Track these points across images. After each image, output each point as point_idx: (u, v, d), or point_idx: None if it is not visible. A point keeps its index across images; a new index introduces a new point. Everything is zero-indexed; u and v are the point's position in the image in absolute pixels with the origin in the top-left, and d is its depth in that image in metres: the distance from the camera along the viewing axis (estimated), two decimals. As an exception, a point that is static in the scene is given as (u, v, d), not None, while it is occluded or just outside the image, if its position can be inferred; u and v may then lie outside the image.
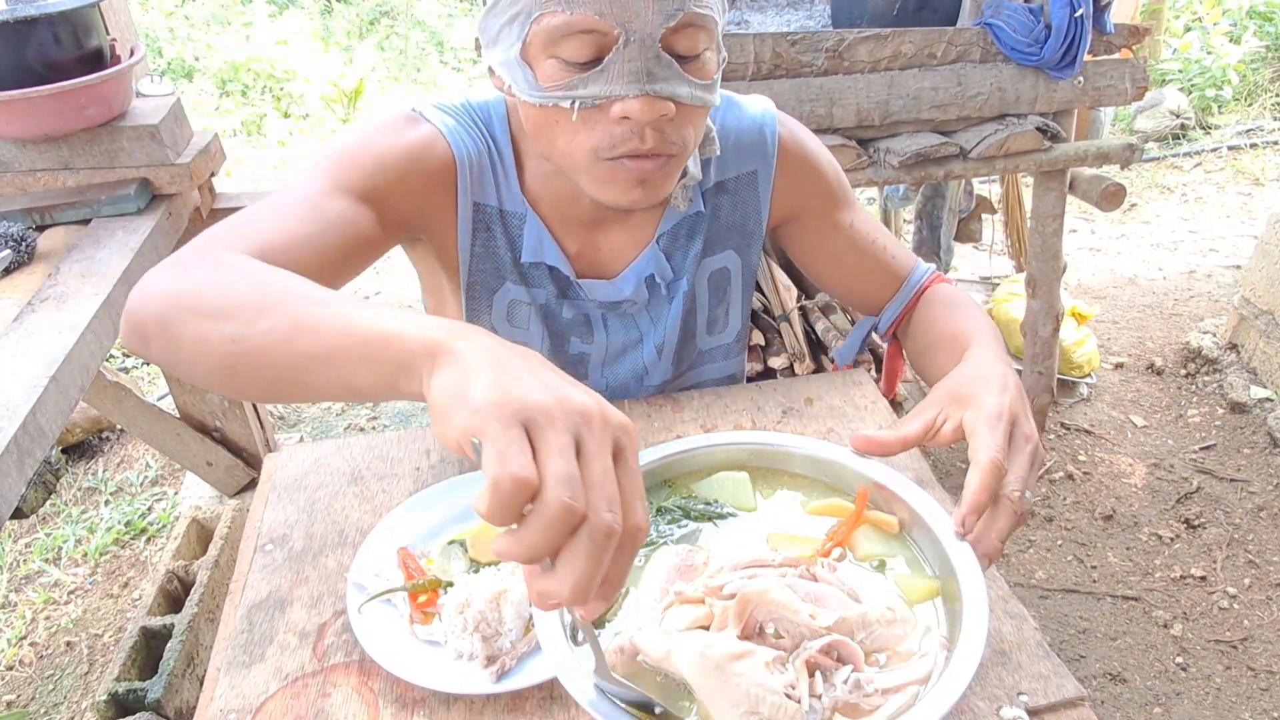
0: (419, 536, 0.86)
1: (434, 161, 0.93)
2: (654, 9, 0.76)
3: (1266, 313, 2.70)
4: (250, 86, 5.60)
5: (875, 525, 0.77)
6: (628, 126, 0.81)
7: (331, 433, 2.80)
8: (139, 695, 1.63)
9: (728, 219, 1.07)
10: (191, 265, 0.73)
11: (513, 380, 0.52)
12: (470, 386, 0.52)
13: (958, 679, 0.59)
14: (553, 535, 0.47)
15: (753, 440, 0.85)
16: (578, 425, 0.50)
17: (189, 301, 0.69)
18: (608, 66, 0.78)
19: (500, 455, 0.47)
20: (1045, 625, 2.03)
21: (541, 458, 0.48)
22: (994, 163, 2.07)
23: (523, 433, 0.49)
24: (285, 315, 0.64)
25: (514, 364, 0.54)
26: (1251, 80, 5.19)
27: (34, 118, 1.50)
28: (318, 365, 0.62)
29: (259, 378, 0.66)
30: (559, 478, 0.47)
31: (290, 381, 0.65)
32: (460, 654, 0.74)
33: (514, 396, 0.50)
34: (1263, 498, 2.36)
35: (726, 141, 1.03)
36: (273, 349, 0.64)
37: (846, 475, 0.81)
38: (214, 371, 0.68)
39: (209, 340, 0.66)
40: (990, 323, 0.99)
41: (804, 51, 1.92)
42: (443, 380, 0.54)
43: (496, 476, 0.47)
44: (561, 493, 0.47)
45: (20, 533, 2.38)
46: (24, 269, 1.39)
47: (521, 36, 0.80)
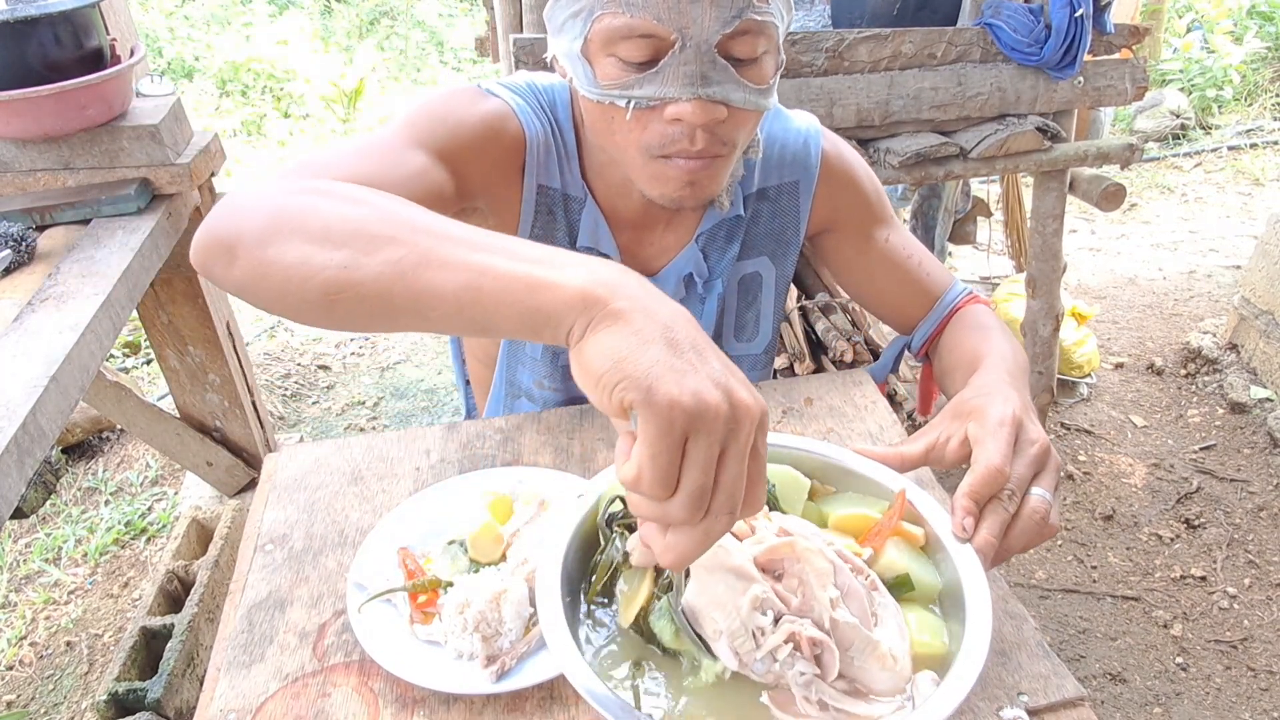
0: (419, 536, 0.86)
1: (507, 136, 0.93)
2: (711, 15, 0.77)
3: (1266, 313, 2.70)
4: (250, 86, 5.60)
5: (902, 535, 0.74)
6: (680, 128, 0.82)
7: (331, 433, 2.80)
8: (139, 695, 1.63)
9: (766, 226, 1.07)
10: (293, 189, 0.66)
11: (686, 371, 0.51)
12: (643, 366, 0.50)
13: (960, 684, 0.59)
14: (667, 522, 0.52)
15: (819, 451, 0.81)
16: (730, 429, 0.51)
17: (297, 221, 0.63)
18: (663, 69, 0.79)
19: (654, 461, 0.50)
20: (1045, 625, 2.03)
21: (686, 464, 0.50)
22: (994, 163, 2.07)
23: (681, 438, 0.50)
24: (410, 246, 0.59)
25: (683, 341, 0.52)
26: (1252, 80, 5.19)
27: (34, 118, 1.50)
28: (444, 304, 0.58)
29: (366, 310, 0.61)
30: (692, 493, 0.50)
31: (405, 315, 0.60)
32: (460, 654, 0.74)
33: (691, 395, 0.50)
34: (1263, 498, 2.36)
35: (771, 150, 1.04)
36: (391, 281, 0.59)
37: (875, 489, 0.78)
38: (310, 299, 0.62)
39: (314, 264, 0.61)
40: (1013, 348, 0.97)
41: (804, 51, 1.92)
42: (608, 342, 0.52)
43: (641, 478, 0.50)
44: (688, 505, 0.51)
45: (20, 533, 2.38)
46: (24, 269, 1.39)
47: (583, 33, 0.81)
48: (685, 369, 0.51)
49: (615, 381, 0.51)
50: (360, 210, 0.62)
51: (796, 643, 0.60)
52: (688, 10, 0.76)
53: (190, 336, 1.91)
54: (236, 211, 0.66)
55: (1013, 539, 0.71)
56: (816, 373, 1.86)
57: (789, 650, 0.60)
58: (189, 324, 1.89)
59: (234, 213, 0.66)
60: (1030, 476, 0.73)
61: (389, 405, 2.93)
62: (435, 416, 2.87)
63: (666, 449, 0.49)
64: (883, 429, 1.01)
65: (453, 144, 0.88)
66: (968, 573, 0.67)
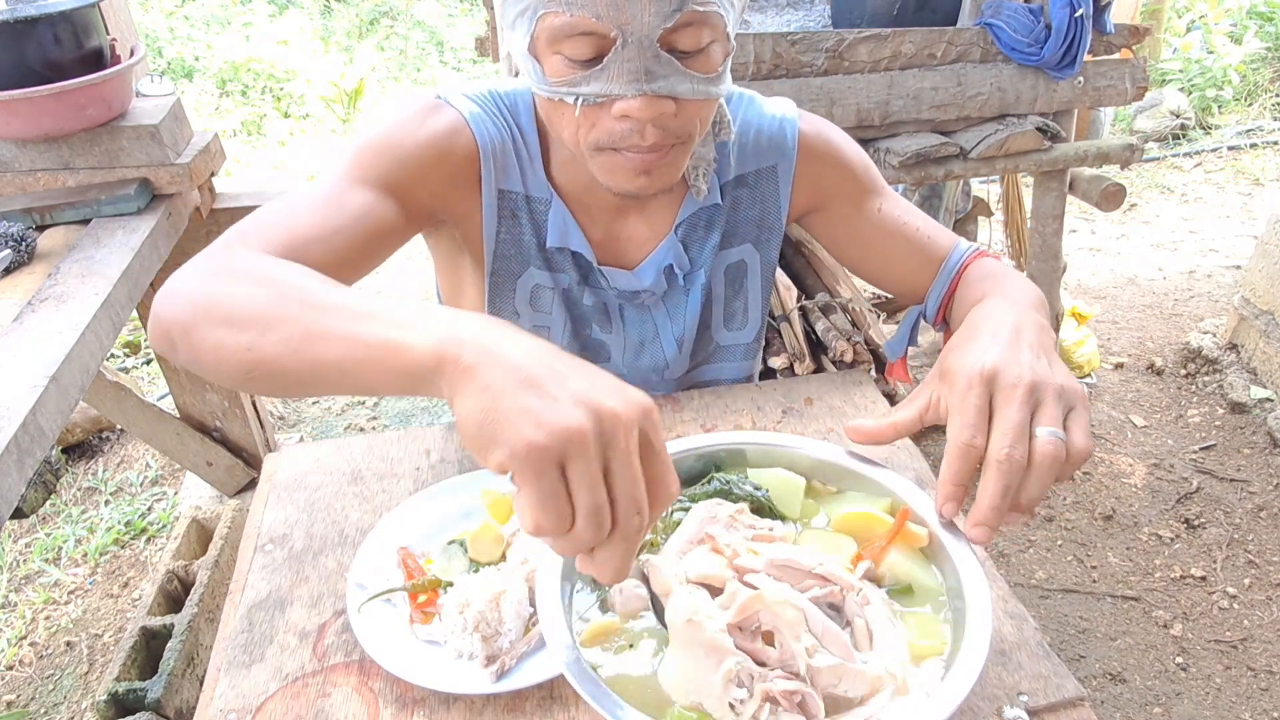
0: (419, 536, 0.86)
1: (458, 150, 0.94)
2: (651, 10, 0.77)
3: (1266, 313, 2.70)
4: (250, 86, 5.60)
5: (905, 539, 0.73)
6: (629, 124, 0.82)
7: (331, 433, 2.80)
8: (139, 695, 1.63)
9: (747, 213, 1.07)
10: (212, 270, 0.73)
11: (543, 405, 0.52)
12: (500, 421, 0.52)
13: (960, 685, 0.59)
14: (583, 549, 0.54)
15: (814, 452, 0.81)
16: (606, 441, 0.53)
17: (206, 310, 0.69)
18: (607, 66, 0.79)
19: (538, 505, 0.52)
20: (1045, 625, 2.03)
21: (574, 489, 0.52)
22: (994, 163, 2.07)
23: (557, 474, 0.52)
24: (295, 325, 0.64)
25: (538, 376, 0.54)
26: (1251, 80, 5.20)
27: (34, 118, 1.50)
28: (332, 373, 0.62)
29: (279, 383, 0.67)
30: (587, 512, 0.52)
31: (311, 385, 0.65)
32: (460, 654, 0.74)
33: (546, 431, 0.51)
34: (1263, 498, 2.36)
35: (747, 137, 1.04)
36: (285, 358, 0.64)
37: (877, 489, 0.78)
38: (235, 377, 0.69)
39: (227, 348, 0.67)
40: (1022, 285, 0.92)
41: (804, 51, 1.92)
42: (467, 405, 0.54)
43: (537, 524, 0.52)
44: (590, 524, 0.52)
45: (20, 533, 2.38)
46: (24, 269, 1.39)
47: (530, 32, 0.81)
48: (542, 406, 0.52)
49: (485, 447, 0.53)
50: (260, 291, 0.68)
51: (773, 700, 0.60)
52: (626, 7, 0.76)
53: (190, 336, 1.90)
54: (168, 301, 0.73)
55: (1029, 489, 0.67)
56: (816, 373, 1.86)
57: (768, 710, 0.59)
58: (189, 324, 1.89)
59: (167, 303, 0.73)
60: (1024, 419, 0.68)
61: (389, 405, 2.93)
62: (435, 416, 2.87)
63: (548, 489, 0.51)
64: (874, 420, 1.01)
65: (395, 174, 0.90)
66: (968, 574, 0.67)
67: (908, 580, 0.70)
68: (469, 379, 0.55)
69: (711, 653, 0.61)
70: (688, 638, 0.61)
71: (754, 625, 0.63)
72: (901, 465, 0.96)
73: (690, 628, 0.61)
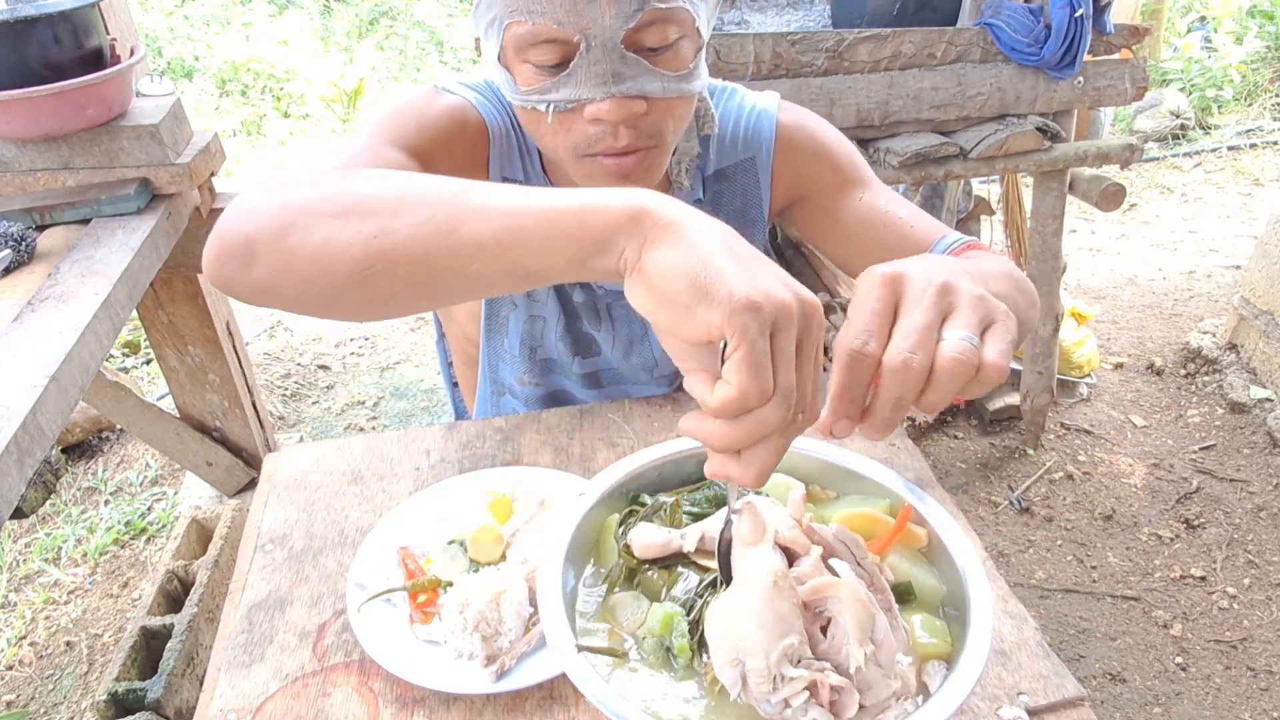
0: (419, 536, 0.86)
1: (470, 129, 0.94)
2: (611, 12, 0.77)
3: (1266, 313, 2.70)
4: (250, 86, 5.60)
5: (909, 539, 0.73)
6: (602, 127, 0.82)
7: (331, 433, 2.80)
8: (139, 695, 1.63)
9: (729, 207, 1.07)
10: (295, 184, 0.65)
11: (754, 274, 0.51)
12: (716, 278, 0.50)
13: (960, 685, 0.59)
14: (760, 435, 0.51)
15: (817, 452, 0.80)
16: (804, 325, 0.52)
17: (315, 205, 0.61)
18: (574, 71, 0.80)
19: (755, 367, 0.49)
20: (1045, 625, 2.03)
21: (777, 366, 0.50)
22: (994, 163, 2.07)
23: (769, 340, 0.50)
24: (439, 204, 0.58)
25: (743, 251, 0.53)
26: (1251, 80, 5.20)
27: (34, 118, 1.50)
28: (485, 253, 0.57)
29: (404, 278, 0.59)
30: (786, 392, 0.50)
31: (446, 275, 0.59)
32: (460, 653, 0.74)
33: (767, 297, 0.49)
34: (1263, 498, 2.36)
35: (725, 130, 1.04)
36: (426, 240, 0.58)
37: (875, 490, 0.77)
38: (341, 280, 0.60)
39: (341, 241, 0.59)
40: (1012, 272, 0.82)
41: (804, 51, 1.92)
42: (668, 259, 0.51)
43: (747, 388, 0.49)
44: (783, 406, 0.50)
45: (20, 533, 2.38)
46: (24, 269, 1.39)
47: (499, 41, 0.82)
48: (751, 274, 0.50)
49: (694, 302, 0.50)
50: (378, 184, 0.62)
51: (814, 691, 0.59)
52: (585, 11, 0.76)
53: (190, 336, 1.91)
54: (247, 213, 0.64)
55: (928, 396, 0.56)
56: (816, 373, 1.87)
57: (804, 698, 0.59)
58: (189, 324, 1.89)
59: (245, 214, 0.64)
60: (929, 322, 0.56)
61: (389, 405, 2.93)
62: (435, 416, 2.87)
63: (763, 352, 0.49)
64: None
65: (422, 140, 0.89)
66: (969, 574, 0.67)
67: (907, 580, 0.70)
68: (672, 233, 0.52)
69: (779, 621, 0.59)
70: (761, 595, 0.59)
71: (820, 607, 0.62)
72: (901, 465, 0.96)
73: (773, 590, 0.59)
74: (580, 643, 0.63)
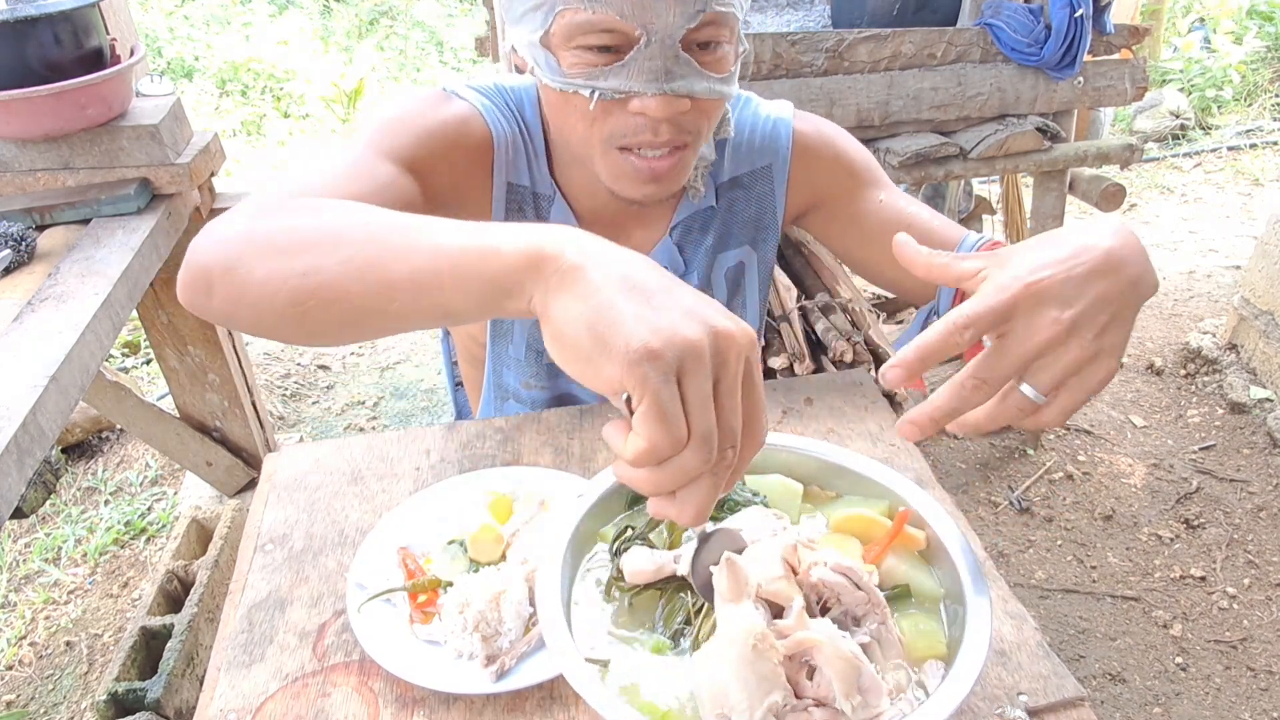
0: (419, 536, 0.86)
1: (473, 138, 0.94)
2: (676, 10, 0.77)
3: (1266, 313, 2.70)
4: (250, 86, 5.60)
5: (907, 543, 0.73)
6: (643, 120, 0.83)
7: (331, 433, 2.80)
8: (139, 695, 1.63)
9: (743, 214, 1.07)
10: (258, 212, 0.68)
11: (658, 313, 0.48)
12: (614, 328, 0.48)
13: (959, 685, 0.59)
14: (683, 481, 0.49)
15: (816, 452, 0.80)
16: (719, 361, 0.49)
17: (262, 240, 0.64)
18: (628, 63, 0.80)
19: (662, 419, 0.47)
20: (1045, 625, 2.03)
21: (689, 410, 0.48)
22: (994, 163, 2.07)
23: (676, 386, 0.47)
24: (365, 243, 0.59)
25: (648, 284, 0.50)
26: (1251, 80, 5.20)
27: (34, 118, 1.50)
28: (403, 294, 0.58)
29: (335, 314, 0.61)
30: (702, 434, 0.48)
31: (372, 314, 0.60)
32: (460, 653, 0.74)
33: (666, 340, 0.47)
34: (1262, 498, 2.36)
35: (741, 137, 1.04)
36: (350, 280, 0.59)
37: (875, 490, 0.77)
38: (281, 313, 0.62)
39: (279, 277, 0.61)
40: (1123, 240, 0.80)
41: (804, 51, 1.92)
42: (570, 309, 0.50)
43: (656, 441, 0.47)
44: (701, 451, 0.48)
45: (20, 533, 2.38)
46: (24, 269, 1.39)
47: (545, 25, 0.81)
48: (656, 315, 0.48)
49: (593, 355, 0.49)
50: (318, 219, 0.64)
51: None
52: (651, 6, 0.76)
53: (190, 336, 1.91)
54: (209, 242, 0.67)
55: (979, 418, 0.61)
56: (816, 373, 1.86)
57: None
58: (189, 324, 1.89)
59: (207, 244, 0.67)
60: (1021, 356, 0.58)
61: (389, 405, 2.93)
62: (435, 416, 2.87)
63: (669, 400, 0.47)
64: (883, 429, 1.01)
65: (418, 150, 0.89)
66: (968, 575, 0.67)
67: (905, 583, 0.70)
68: (572, 280, 0.51)
69: (762, 681, 0.59)
70: (741, 656, 0.60)
71: (805, 657, 0.62)
72: (901, 465, 0.96)
73: (754, 652, 0.59)
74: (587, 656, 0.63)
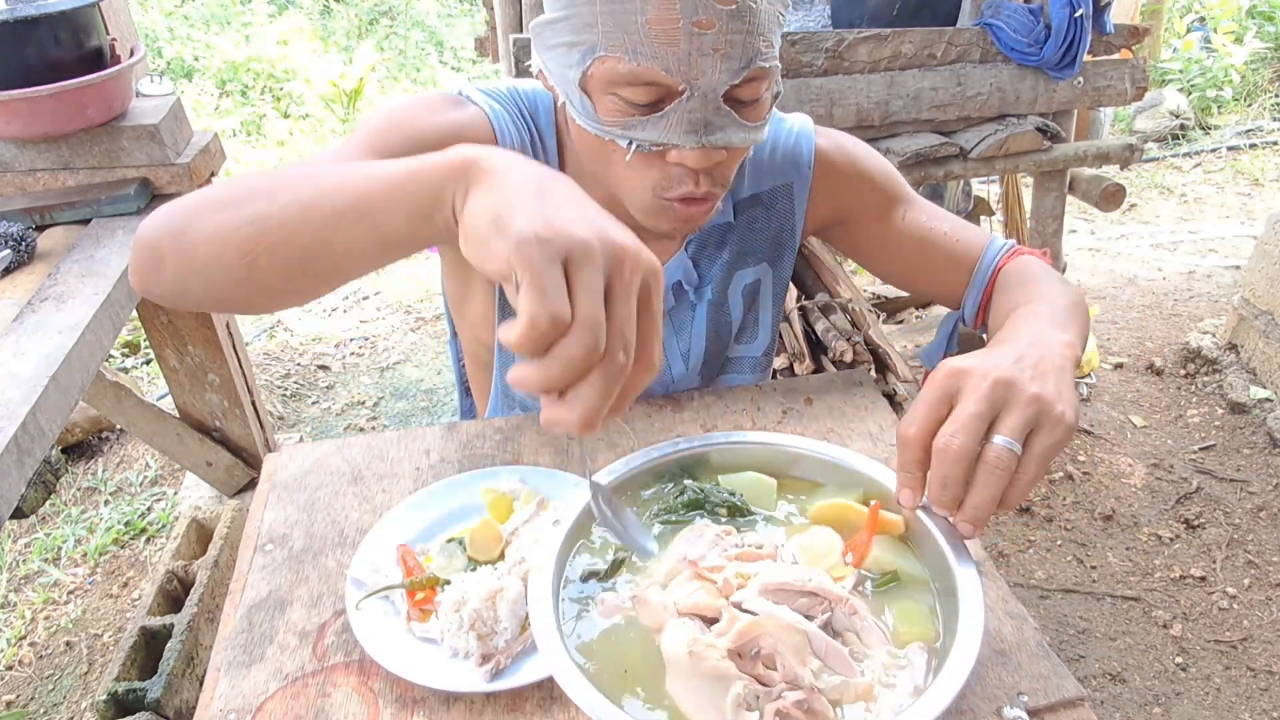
0: (419, 534, 0.86)
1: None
2: (721, 67, 0.76)
3: (1266, 313, 2.70)
4: (250, 86, 5.60)
5: (886, 529, 0.74)
6: (682, 170, 0.82)
7: (331, 433, 2.80)
8: (139, 695, 1.63)
9: (762, 231, 1.06)
10: (207, 189, 0.72)
11: (555, 211, 0.52)
12: (512, 214, 0.52)
13: (952, 681, 0.59)
14: (571, 373, 0.50)
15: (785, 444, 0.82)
16: (611, 265, 0.52)
17: (207, 202, 0.67)
18: (668, 114, 0.79)
19: (540, 293, 0.49)
20: (1045, 625, 2.03)
21: (575, 297, 0.50)
22: (994, 163, 2.07)
23: (561, 270, 0.50)
24: (307, 185, 0.63)
25: (555, 191, 0.54)
26: (1251, 80, 5.20)
27: (34, 118, 1.50)
28: (345, 221, 0.61)
29: (281, 258, 0.64)
30: (587, 322, 0.50)
31: (316, 250, 0.63)
32: (456, 651, 0.74)
33: (557, 230, 0.51)
34: (1262, 498, 2.36)
35: (762, 154, 1.03)
36: (295, 219, 0.62)
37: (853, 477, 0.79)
38: (230, 266, 0.65)
39: (226, 229, 0.64)
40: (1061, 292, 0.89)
41: (804, 51, 1.92)
42: (480, 202, 0.54)
43: (534, 314, 0.49)
44: (586, 337, 0.49)
45: (20, 533, 2.38)
46: (24, 269, 1.39)
47: (582, 67, 0.79)
48: (553, 212, 0.52)
49: (489, 239, 0.52)
50: (266, 178, 0.66)
51: (785, 716, 0.59)
52: (698, 63, 0.75)
53: (190, 336, 1.91)
54: (155, 221, 0.70)
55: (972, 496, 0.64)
56: (816, 373, 1.86)
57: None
58: (189, 324, 1.89)
59: (153, 223, 0.70)
60: (977, 412, 0.64)
61: (389, 405, 2.93)
62: (435, 416, 2.87)
63: (551, 281, 0.49)
64: (883, 429, 1.01)
65: (407, 153, 0.87)
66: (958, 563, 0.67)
67: (892, 568, 0.71)
68: (487, 179, 0.55)
69: (717, 681, 0.60)
70: (690, 669, 0.60)
71: (754, 650, 0.63)
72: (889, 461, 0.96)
73: (692, 660, 0.60)
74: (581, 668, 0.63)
